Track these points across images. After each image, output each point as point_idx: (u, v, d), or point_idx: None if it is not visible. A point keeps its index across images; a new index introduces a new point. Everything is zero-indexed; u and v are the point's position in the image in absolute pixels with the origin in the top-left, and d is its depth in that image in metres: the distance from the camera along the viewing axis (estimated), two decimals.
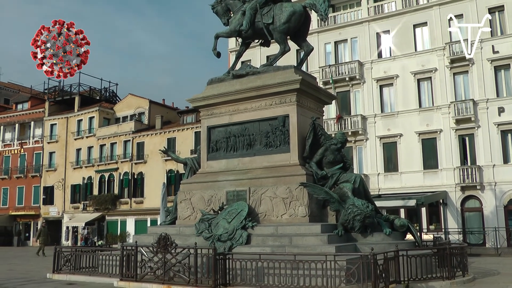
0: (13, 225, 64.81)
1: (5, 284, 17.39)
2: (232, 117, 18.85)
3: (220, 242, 16.02)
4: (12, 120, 67.47)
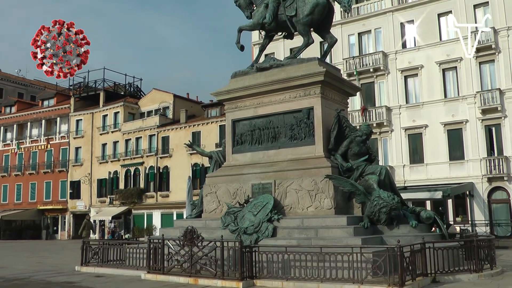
0: (41, 219, 65.72)
1: (35, 276, 17.72)
2: (257, 110, 18.85)
3: (246, 235, 16.07)
4: (39, 117, 68.27)
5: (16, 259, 27.33)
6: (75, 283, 15.42)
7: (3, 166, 69.96)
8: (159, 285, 14.23)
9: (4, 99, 79.84)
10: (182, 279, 14.63)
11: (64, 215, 63.69)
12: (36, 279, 16.98)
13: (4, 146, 70.86)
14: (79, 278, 16.51)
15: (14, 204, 67.85)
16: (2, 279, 17.30)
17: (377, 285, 12.02)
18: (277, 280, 13.43)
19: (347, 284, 12.38)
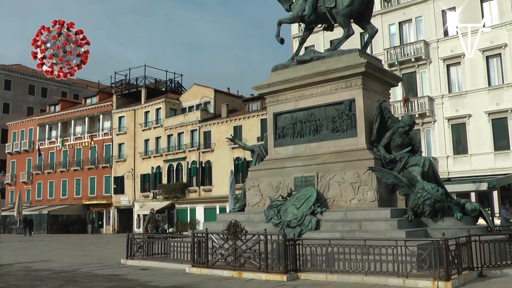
0: (87, 214, 66.99)
1: (82, 269, 18.09)
2: (298, 103, 18.80)
3: (290, 228, 16.06)
4: (82, 114, 69.39)
5: (63, 252, 27.91)
6: (121, 275, 15.66)
7: (49, 163, 71.49)
8: (203, 278, 14.33)
9: (48, 98, 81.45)
10: (226, 273, 14.71)
11: (108, 210, 64.71)
12: (83, 271, 17.32)
13: (49, 143, 72.31)
14: (124, 271, 16.76)
15: (60, 200, 69.30)
16: (51, 271, 17.72)
17: (422, 279, 11.88)
18: (321, 273, 13.41)
19: (392, 278, 12.29)
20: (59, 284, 14.18)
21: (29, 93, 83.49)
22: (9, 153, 76.91)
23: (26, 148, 74.74)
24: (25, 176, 74.05)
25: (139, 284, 13.65)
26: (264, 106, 47.67)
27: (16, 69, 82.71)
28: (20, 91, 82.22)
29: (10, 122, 78.04)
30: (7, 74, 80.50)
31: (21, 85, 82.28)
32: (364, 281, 12.52)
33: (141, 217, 59.87)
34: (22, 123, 76.65)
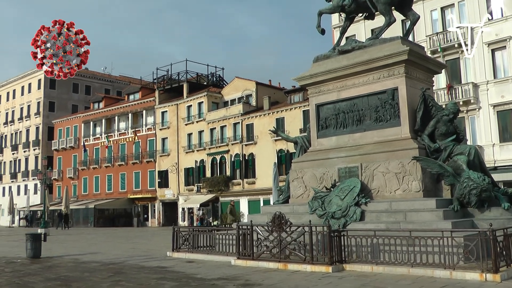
0: (132, 207, 67.97)
1: (129, 261, 18.47)
2: (340, 93, 18.67)
3: (334, 219, 16.01)
4: (125, 110, 70.30)
5: (110, 245, 28.44)
6: (167, 267, 15.84)
7: (94, 159, 72.77)
8: (249, 270, 14.38)
9: (92, 95, 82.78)
10: (272, 265, 14.74)
11: (153, 204, 65.49)
12: (130, 263, 17.63)
13: (94, 140, 73.57)
14: (171, 263, 16.96)
15: (105, 194, 70.51)
16: (99, 263, 18.13)
17: (470, 271, 11.68)
18: (366, 265, 13.33)
19: (438, 270, 12.12)
20: (107, 276, 14.45)
21: (73, 92, 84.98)
22: (56, 149, 78.56)
23: (71, 145, 76.29)
24: (72, 171, 75.57)
25: (185, 276, 13.79)
26: (306, 97, 47.46)
27: None
28: (64, 90, 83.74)
29: (56, 120, 79.74)
30: None
31: (65, 84, 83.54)
32: (410, 273, 12.38)
33: (186, 211, 60.49)
34: (67, 120, 78.18)
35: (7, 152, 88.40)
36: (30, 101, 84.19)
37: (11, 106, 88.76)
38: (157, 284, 12.43)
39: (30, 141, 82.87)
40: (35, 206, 73.62)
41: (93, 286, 12.58)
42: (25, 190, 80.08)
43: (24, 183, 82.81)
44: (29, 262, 19.63)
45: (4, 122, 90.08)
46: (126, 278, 13.79)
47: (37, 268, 17.33)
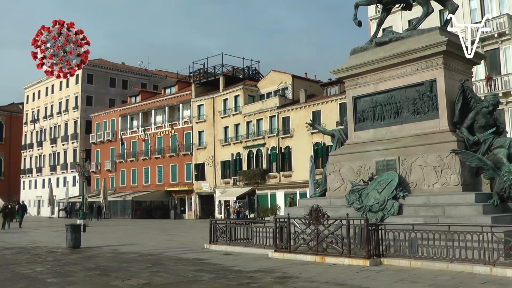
0: (169, 200, 68.50)
1: (166, 253, 18.68)
2: (377, 85, 18.52)
3: (371, 213, 15.92)
4: (162, 104, 70.79)
5: (148, 236, 28.78)
6: (205, 260, 15.96)
7: (131, 152, 73.55)
8: (286, 263, 14.41)
9: (129, 90, 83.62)
10: (309, 257, 14.74)
11: (190, 196, 65.89)
12: (168, 255, 17.84)
13: (131, 133, 74.30)
14: (208, 256, 17.09)
15: (143, 187, 71.22)
16: (137, 254, 18.42)
17: (511, 268, 11.47)
18: (404, 259, 13.23)
19: (478, 266, 11.93)
20: (145, 266, 14.63)
21: (110, 86, 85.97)
22: (93, 143, 79.66)
23: (109, 138, 77.26)
24: (109, 164, 76.56)
25: (222, 268, 13.87)
26: (342, 90, 47.22)
27: (97, 63, 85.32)
28: (102, 84, 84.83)
29: (94, 114, 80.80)
30: (89, 68, 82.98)
31: (102, 78, 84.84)
32: (448, 269, 12.24)
33: (222, 203, 60.75)
34: (105, 114, 79.15)
35: (46, 145, 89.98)
36: (68, 95, 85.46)
37: (50, 101, 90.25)
38: (195, 276, 12.52)
39: (69, 135, 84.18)
40: (73, 198, 74.89)
41: (132, 276, 12.75)
42: (64, 182, 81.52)
43: (63, 176, 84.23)
44: (69, 252, 20.08)
45: (44, 116, 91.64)
46: (164, 269, 13.93)
47: (77, 257, 17.71)
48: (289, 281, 11.44)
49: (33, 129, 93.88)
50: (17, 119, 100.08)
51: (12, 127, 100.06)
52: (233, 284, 11.25)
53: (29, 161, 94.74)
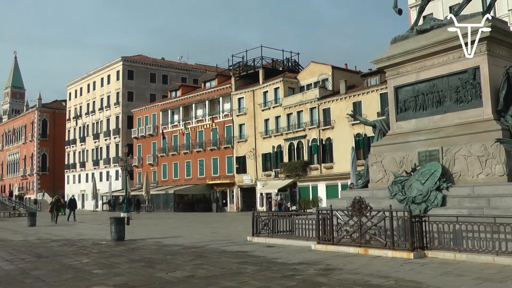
0: (211, 193, 68.95)
1: (210, 245, 18.79)
2: (419, 74, 18.24)
3: (415, 204, 15.74)
4: (202, 98, 71.17)
5: (191, 229, 29.04)
6: (248, 252, 16.01)
7: (173, 146, 74.19)
8: (329, 255, 14.35)
9: (169, 84, 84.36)
10: (352, 249, 14.66)
11: (231, 189, 66.18)
12: (211, 247, 17.94)
13: (172, 127, 74.92)
14: (251, 248, 17.13)
15: (184, 180, 71.82)
16: (180, 246, 18.60)
17: None
18: (449, 252, 13.00)
19: None
20: (189, 259, 14.73)
21: (150, 81, 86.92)
22: (135, 137, 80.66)
23: (150, 133, 78.06)
24: (151, 158, 77.40)
25: (266, 260, 13.88)
26: (383, 80, 46.75)
27: (137, 59, 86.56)
28: (142, 80, 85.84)
29: (135, 109, 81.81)
30: (130, 65, 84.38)
31: (143, 74, 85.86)
32: (495, 262, 12.00)
33: (264, 196, 60.84)
34: (146, 109, 80.00)
35: (89, 140, 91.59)
36: (109, 92, 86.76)
37: (92, 97, 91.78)
38: (239, 268, 12.56)
39: (111, 130, 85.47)
40: (116, 192, 76.22)
41: (176, 268, 12.85)
42: (107, 176, 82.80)
43: (106, 170, 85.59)
44: (114, 244, 20.41)
45: (86, 112, 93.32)
46: (208, 261, 14.00)
47: (121, 250, 17.98)
48: (332, 273, 11.39)
49: (76, 125, 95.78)
50: (60, 116, 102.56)
51: (56, 124, 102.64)
52: (277, 276, 11.24)
53: (72, 156, 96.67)
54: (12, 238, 25.55)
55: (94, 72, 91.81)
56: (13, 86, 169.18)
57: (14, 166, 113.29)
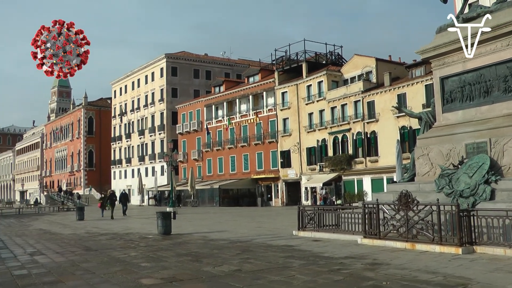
0: (256, 187, 69.10)
1: (255, 239, 18.87)
2: (466, 64, 17.84)
3: (462, 198, 15.45)
4: (246, 93, 71.31)
5: (236, 224, 29.17)
6: (294, 246, 16.01)
7: (217, 141, 74.57)
8: (375, 249, 14.25)
9: (212, 80, 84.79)
10: (399, 244, 14.50)
11: (276, 183, 66.17)
12: (257, 242, 18.01)
13: (217, 122, 75.28)
14: (297, 242, 17.13)
15: (229, 175, 72.14)
16: (227, 241, 18.72)
17: None
18: (498, 247, 12.71)
19: None
20: (235, 253, 14.81)
21: (194, 77, 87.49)
22: (180, 133, 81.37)
23: (195, 128, 78.60)
24: (196, 153, 77.98)
25: (312, 255, 13.86)
26: (428, 71, 46.10)
27: (181, 56, 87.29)
28: (186, 76, 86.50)
29: (179, 105, 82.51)
30: (173, 61, 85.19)
31: (186, 70, 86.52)
32: None
33: (309, 190, 60.71)
34: (190, 105, 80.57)
35: (134, 137, 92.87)
36: (154, 89, 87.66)
37: (137, 95, 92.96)
38: (285, 263, 12.56)
39: (156, 126, 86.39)
40: (162, 187, 77.09)
41: (223, 262, 12.93)
42: (153, 172, 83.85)
43: (151, 165, 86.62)
44: (161, 238, 20.70)
45: (131, 109, 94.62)
46: (254, 256, 14.05)
47: (168, 244, 18.20)
48: (380, 268, 11.30)
49: (121, 122, 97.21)
50: (106, 113, 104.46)
51: (102, 121, 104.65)
52: (323, 271, 11.21)
53: (118, 152, 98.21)
54: (62, 231, 26.30)
55: (138, 69, 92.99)
56: (60, 86, 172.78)
57: (62, 163, 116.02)
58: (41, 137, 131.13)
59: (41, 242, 20.48)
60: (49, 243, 19.95)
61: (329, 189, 57.70)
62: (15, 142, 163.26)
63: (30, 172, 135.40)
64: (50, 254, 16.29)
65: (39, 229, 28.65)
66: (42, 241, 20.96)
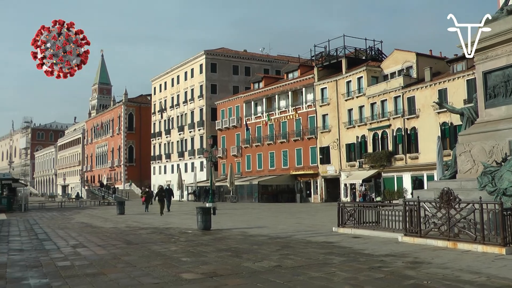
0: (295, 184, 69.07)
1: (295, 236, 18.92)
2: (510, 58, 17.35)
3: (506, 197, 15.08)
4: (285, 89, 71.27)
5: (275, 220, 29.22)
6: (334, 243, 15.98)
7: (256, 137, 74.74)
8: (416, 248, 14.11)
9: (251, 76, 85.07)
10: (440, 243, 14.32)
11: (315, 180, 66.00)
12: (297, 238, 18.05)
13: (256, 118, 75.43)
14: (337, 239, 17.10)
15: (268, 171, 72.23)
16: (266, 236, 18.77)
17: None
18: None
19: None
20: (275, 249, 14.85)
21: (233, 73, 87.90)
22: (219, 129, 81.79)
23: (234, 124, 78.92)
24: (235, 149, 78.32)
25: (352, 251, 13.81)
26: (469, 66, 45.38)
27: (220, 52, 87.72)
28: (225, 72, 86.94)
29: (218, 101, 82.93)
30: (213, 58, 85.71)
31: (225, 66, 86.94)
32: None
33: (348, 186, 60.42)
34: (229, 101, 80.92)
35: (174, 133, 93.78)
36: (193, 85, 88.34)
37: (176, 91, 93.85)
38: (325, 259, 12.54)
39: (195, 122, 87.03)
40: (201, 182, 77.56)
41: (262, 258, 12.97)
42: (192, 167, 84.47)
43: (190, 161, 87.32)
44: (201, 233, 20.88)
45: (171, 105, 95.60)
46: (294, 252, 14.07)
47: (208, 239, 18.35)
48: (421, 267, 11.18)
49: (161, 118, 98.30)
50: (146, 110, 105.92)
51: (142, 117, 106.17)
52: (364, 268, 11.16)
53: (158, 148, 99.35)
54: (103, 225, 26.78)
55: (177, 66, 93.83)
56: (100, 83, 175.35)
57: (102, 158, 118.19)
58: (82, 133, 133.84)
59: (83, 235, 20.98)
60: (90, 236, 20.39)
61: (368, 185, 57.33)
62: (57, 138, 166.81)
63: (71, 167, 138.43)
64: (92, 246, 16.66)
65: (81, 222, 29.27)
66: (84, 234, 21.46)
